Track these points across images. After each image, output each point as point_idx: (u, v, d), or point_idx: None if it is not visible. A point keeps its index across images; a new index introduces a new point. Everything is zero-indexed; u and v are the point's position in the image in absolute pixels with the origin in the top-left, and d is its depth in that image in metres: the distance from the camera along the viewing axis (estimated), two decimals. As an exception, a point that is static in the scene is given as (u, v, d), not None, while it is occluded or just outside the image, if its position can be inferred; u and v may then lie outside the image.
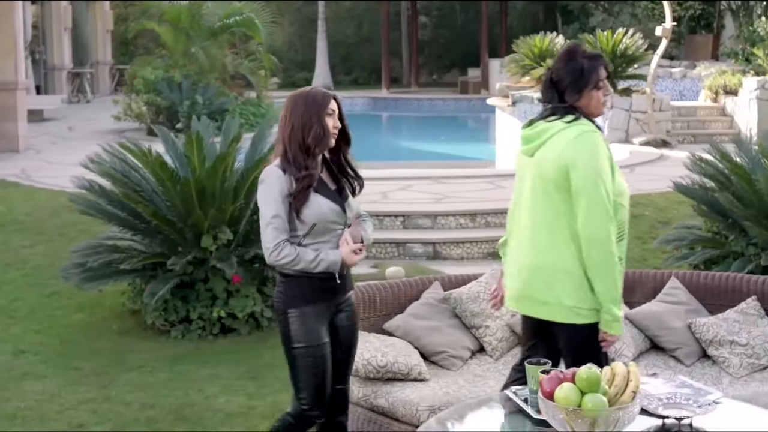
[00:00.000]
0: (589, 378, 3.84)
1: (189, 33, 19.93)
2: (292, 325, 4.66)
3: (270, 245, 4.56)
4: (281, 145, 4.65)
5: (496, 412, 4.43)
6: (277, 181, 4.57)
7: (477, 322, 5.92)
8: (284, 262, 4.57)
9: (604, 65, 4.68)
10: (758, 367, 5.68)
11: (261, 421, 6.37)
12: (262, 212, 4.61)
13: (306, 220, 4.58)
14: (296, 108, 4.62)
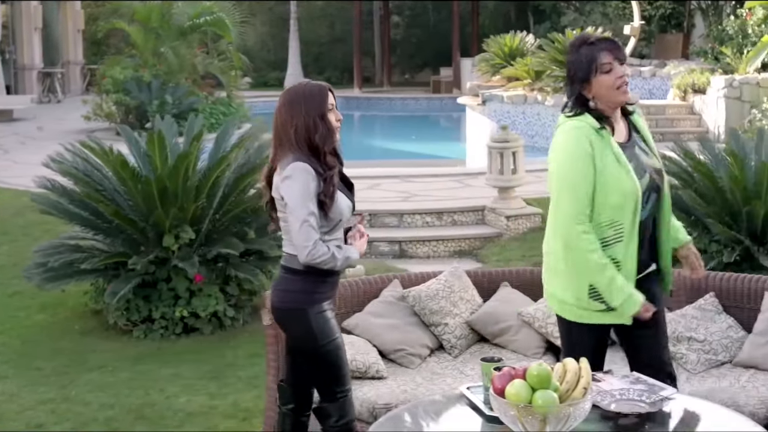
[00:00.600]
0: (539, 374, 3.83)
1: (159, 32, 19.86)
2: (315, 323, 4.59)
3: (308, 244, 4.45)
4: (291, 147, 4.53)
5: (450, 409, 4.43)
6: (309, 177, 4.47)
7: (436, 319, 5.92)
8: (320, 260, 4.50)
9: (607, 48, 4.49)
10: (715, 363, 5.70)
11: (222, 420, 6.36)
12: (294, 209, 4.47)
13: (333, 218, 4.56)
14: (296, 109, 4.54)
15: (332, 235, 4.60)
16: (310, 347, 4.64)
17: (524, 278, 6.26)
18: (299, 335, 4.66)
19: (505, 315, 5.95)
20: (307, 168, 4.47)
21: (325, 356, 4.65)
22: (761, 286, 5.88)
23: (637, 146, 4.60)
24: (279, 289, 4.70)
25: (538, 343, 5.89)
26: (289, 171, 4.48)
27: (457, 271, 6.20)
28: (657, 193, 4.58)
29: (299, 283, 4.61)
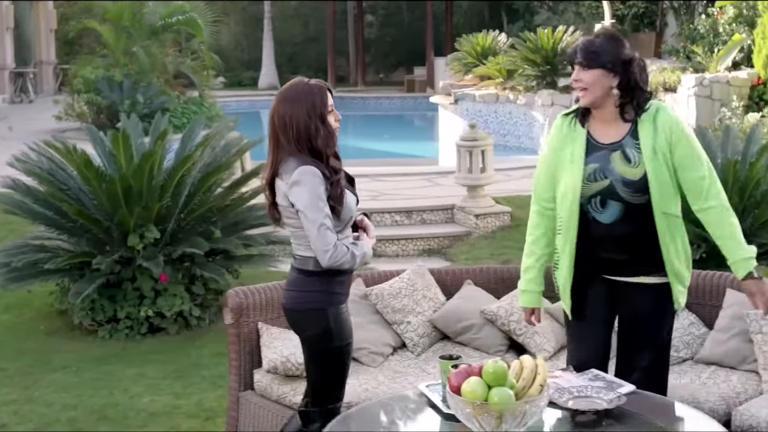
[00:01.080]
0: (495, 372, 3.82)
1: (130, 32, 19.79)
2: (334, 323, 4.52)
3: (329, 248, 4.35)
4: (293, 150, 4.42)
5: (408, 407, 4.41)
6: (318, 181, 4.35)
7: (398, 318, 5.91)
8: (341, 262, 4.41)
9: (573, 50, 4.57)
10: (676, 360, 5.69)
11: (185, 420, 6.34)
12: (308, 214, 4.33)
13: (344, 218, 4.48)
14: (295, 112, 4.40)
15: (344, 233, 4.52)
16: (323, 348, 4.56)
17: (488, 276, 6.26)
18: (316, 335, 4.55)
19: (467, 313, 5.94)
20: (315, 171, 4.36)
21: (336, 358, 4.58)
22: (723, 282, 5.90)
23: (620, 151, 4.50)
24: (294, 291, 4.58)
25: (500, 340, 5.89)
26: (297, 176, 4.36)
27: (420, 269, 6.19)
28: (621, 203, 4.48)
29: (317, 284, 4.50)
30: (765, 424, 4.91)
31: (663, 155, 4.42)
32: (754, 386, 5.35)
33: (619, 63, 4.43)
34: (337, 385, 4.67)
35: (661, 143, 4.42)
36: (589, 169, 4.51)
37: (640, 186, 4.43)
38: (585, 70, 4.48)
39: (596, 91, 4.47)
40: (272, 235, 8.54)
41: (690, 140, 4.48)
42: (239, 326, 5.66)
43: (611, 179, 4.47)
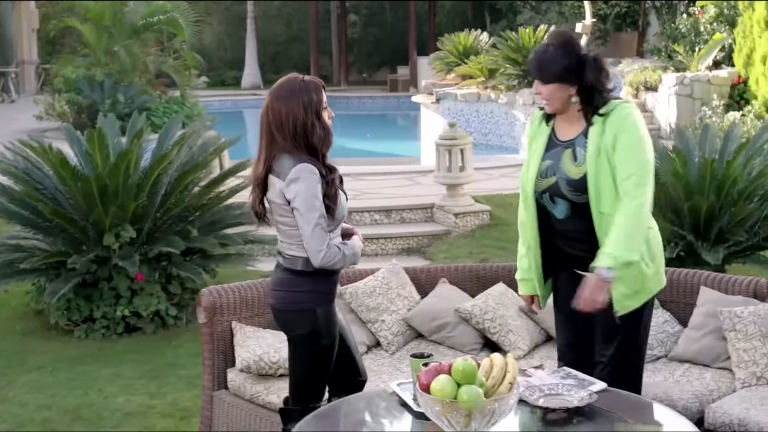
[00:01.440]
0: (465, 370, 3.82)
1: (111, 31, 19.72)
2: (322, 324, 4.50)
3: (322, 248, 4.35)
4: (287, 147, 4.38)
5: (379, 405, 4.40)
6: (315, 179, 4.34)
7: (372, 316, 5.89)
8: (334, 262, 4.41)
9: (529, 64, 4.66)
10: (650, 357, 5.68)
11: (159, 420, 6.31)
12: (304, 213, 4.33)
13: (338, 217, 4.47)
14: (292, 108, 4.35)
15: (335, 233, 4.52)
16: (310, 348, 4.54)
17: (463, 275, 6.25)
18: (304, 335, 4.52)
19: (442, 311, 5.93)
20: (313, 170, 4.33)
21: (321, 357, 4.57)
22: (697, 280, 5.90)
23: (571, 149, 4.54)
24: (282, 291, 4.54)
25: (475, 339, 5.88)
26: (295, 173, 4.33)
27: (395, 267, 6.18)
28: (566, 201, 4.52)
29: (307, 284, 4.48)
30: (738, 422, 4.91)
31: (606, 154, 4.41)
32: (727, 384, 5.35)
33: (573, 71, 4.44)
34: (319, 384, 4.66)
35: (606, 143, 4.42)
36: (543, 165, 4.60)
37: (579, 186, 4.46)
38: (542, 84, 4.52)
39: (555, 102, 4.52)
40: (249, 235, 8.52)
41: (632, 143, 4.41)
42: (213, 325, 5.64)
43: (557, 177, 4.53)
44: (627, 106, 4.53)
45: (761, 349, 5.33)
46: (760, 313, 5.41)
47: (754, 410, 4.94)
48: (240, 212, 8.40)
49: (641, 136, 4.46)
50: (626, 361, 4.64)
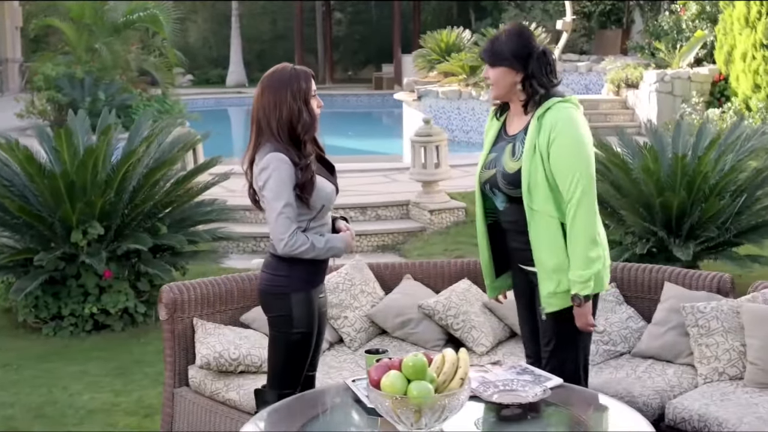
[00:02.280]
0: (415, 365, 3.78)
1: (92, 29, 19.65)
2: (296, 310, 4.51)
3: (284, 236, 4.38)
4: (271, 135, 4.42)
5: (333, 401, 4.38)
6: (285, 167, 4.36)
7: (335, 313, 5.85)
8: (300, 251, 4.42)
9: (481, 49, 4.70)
10: (614, 353, 5.68)
11: (123, 417, 6.28)
12: (270, 201, 4.39)
13: (315, 205, 4.46)
14: (281, 97, 4.39)
15: (318, 221, 4.53)
16: (283, 332, 4.55)
17: (427, 271, 6.22)
18: (278, 318, 4.56)
19: (405, 308, 5.90)
20: (283, 158, 4.36)
21: (295, 344, 4.57)
22: (661, 276, 5.88)
23: (512, 144, 4.57)
24: (265, 273, 4.60)
25: (438, 335, 5.85)
26: (264, 162, 4.38)
27: (359, 264, 6.14)
28: (503, 194, 4.57)
29: (283, 269, 4.51)
30: (697, 417, 4.89)
31: (541, 153, 4.41)
32: (689, 380, 5.33)
33: (519, 59, 4.48)
34: (294, 372, 4.65)
35: (541, 141, 4.42)
36: (489, 157, 4.67)
37: (513, 180, 4.50)
38: (490, 68, 4.58)
39: (500, 86, 4.56)
40: (218, 231, 8.49)
41: (568, 146, 4.39)
42: (174, 322, 5.60)
43: (496, 170, 4.58)
44: (565, 106, 4.49)
45: (723, 345, 5.30)
46: (722, 309, 5.39)
47: (714, 406, 4.92)
48: (210, 209, 8.36)
49: (578, 138, 4.43)
50: (566, 358, 4.64)
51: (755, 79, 16.20)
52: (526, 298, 4.78)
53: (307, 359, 4.67)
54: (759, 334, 5.19)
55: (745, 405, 4.90)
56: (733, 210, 8.17)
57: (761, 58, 16.10)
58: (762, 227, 8.33)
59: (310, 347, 4.65)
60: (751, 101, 16.21)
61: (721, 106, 16.92)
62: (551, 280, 4.48)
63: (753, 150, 8.42)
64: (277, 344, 4.63)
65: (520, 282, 4.79)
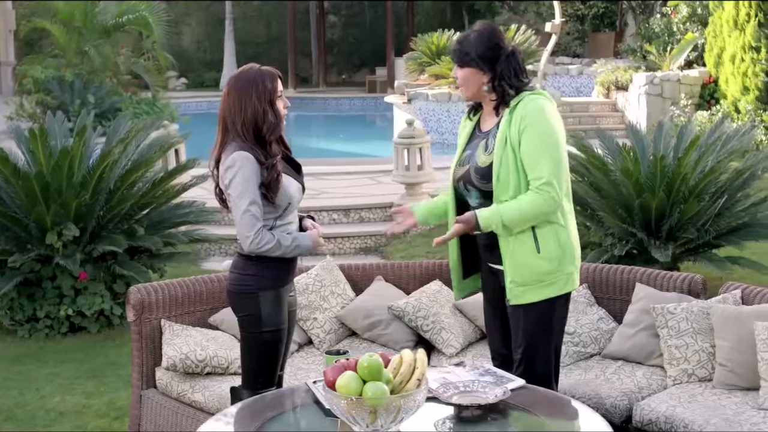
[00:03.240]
0: (370, 366, 3.76)
1: (82, 31, 19.57)
2: (264, 308, 4.52)
3: (250, 234, 4.41)
4: (236, 135, 4.44)
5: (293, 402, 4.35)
6: (250, 166, 4.40)
7: (305, 314, 5.82)
8: (265, 249, 4.44)
9: None
10: (584, 355, 5.65)
11: (93, 419, 6.24)
12: (235, 199, 4.42)
13: (280, 204, 4.49)
14: (246, 97, 4.43)
15: (284, 219, 4.56)
16: (253, 331, 4.56)
17: (399, 272, 6.20)
18: (247, 318, 4.57)
19: (375, 309, 5.86)
20: (248, 157, 4.40)
21: (265, 343, 4.58)
22: (633, 277, 5.85)
23: (486, 139, 4.57)
24: (233, 273, 4.62)
25: (408, 336, 5.82)
26: (230, 161, 4.41)
27: (329, 264, 6.11)
28: (476, 189, 4.54)
29: (251, 268, 4.53)
30: (664, 419, 4.86)
31: (512, 146, 4.42)
32: (658, 381, 5.30)
33: (486, 60, 4.50)
34: (267, 371, 4.65)
35: (512, 134, 4.44)
36: (464, 155, 4.65)
37: (485, 173, 4.49)
38: (458, 68, 4.59)
39: (469, 87, 4.58)
40: (195, 233, 8.45)
41: (536, 127, 4.41)
42: (141, 323, 5.58)
43: (470, 166, 4.57)
44: (535, 98, 4.50)
45: (693, 346, 5.27)
46: (692, 310, 5.36)
47: (681, 407, 4.89)
48: (189, 211, 8.33)
49: (548, 130, 4.44)
50: (537, 359, 4.61)
51: (744, 81, 16.19)
52: (495, 300, 4.75)
53: (279, 358, 4.69)
54: (728, 336, 5.16)
55: (713, 407, 4.87)
56: (712, 212, 8.13)
57: (750, 60, 16.09)
58: (742, 229, 8.30)
59: (281, 345, 4.66)
60: (740, 103, 16.19)
61: (710, 109, 16.90)
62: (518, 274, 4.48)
63: (733, 151, 8.39)
64: (249, 344, 4.64)
65: (489, 283, 4.77)
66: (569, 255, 4.55)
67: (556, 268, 4.49)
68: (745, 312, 5.21)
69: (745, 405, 4.87)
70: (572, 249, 4.57)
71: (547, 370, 4.66)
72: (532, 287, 4.49)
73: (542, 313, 4.55)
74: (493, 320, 4.84)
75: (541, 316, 4.56)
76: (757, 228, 8.31)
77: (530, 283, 4.48)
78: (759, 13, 15.96)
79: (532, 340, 4.59)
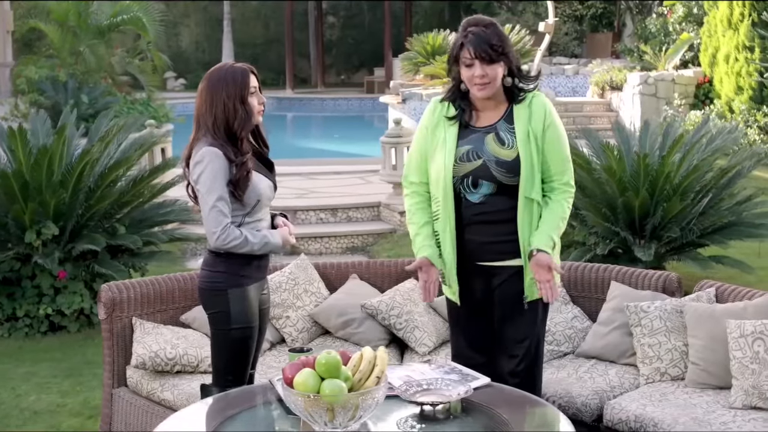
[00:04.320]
0: (327, 363, 3.71)
1: (76, 31, 19.57)
2: (234, 306, 4.49)
3: (216, 230, 4.39)
4: (207, 131, 4.44)
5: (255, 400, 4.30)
6: (219, 162, 4.38)
7: (277, 312, 5.78)
8: (232, 245, 4.42)
9: (472, 44, 4.37)
10: (557, 354, 5.61)
11: (67, 418, 6.21)
12: (203, 195, 4.39)
13: (248, 201, 4.47)
14: (217, 93, 4.43)
15: (253, 216, 4.53)
16: (222, 329, 4.53)
17: (374, 270, 6.16)
18: (216, 315, 4.54)
19: (349, 307, 5.82)
20: (218, 153, 4.38)
21: (234, 341, 4.54)
22: (608, 275, 5.81)
23: (494, 133, 4.47)
24: (203, 270, 4.59)
25: (381, 335, 5.78)
26: (199, 156, 4.40)
27: (304, 262, 6.07)
28: (493, 182, 4.44)
29: (220, 265, 4.50)
30: (634, 418, 4.82)
31: (535, 139, 4.40)
32: (631, 380, 5.26)
33: (508, 53, 4.44)
34: (237, 369, 4.62)
35: (535, 127, 4.41)
36: (461, 150, 4.50)
37: (512, 166, 4.41)
38: (488, 65, 4.39)
39: (497, 83, 4.44)
40: (175, 232, 8.42)
41: (559, 125, 4.51)
42: (112, 321, 5.55)
43: (484, 159, 4.45)
44: (544, 95, 4.56)
45: (666, 345, 5.24)
46: (666, 308, 5.32)
47: (651, 406, 4.85)
48: (168, 210, 8.30)
49: (563, 130, 4.54)
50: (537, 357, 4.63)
51: (738, 81, 16.14)
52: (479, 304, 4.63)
53: (249, 355, 4.65)
54: (701, 334, 5.13)
55: (683, 405, 4.83)
56: (696, 211, 8.08)
57: (743, 60, 16.04)
58: (726, 228, 8.25)
59: (252, 343, 4.62)
60: (734, 103, 16.14)
61: (704, 108, 16.86)
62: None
63: (717, 149, 8.35)
64: (218, 342, 4.62)
65: (475, 284, 4.61)
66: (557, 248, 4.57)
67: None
68: (718, 310, 5.17)
69: (716, 404, 4.83)
70: None
71: (541, 368, 4.68)
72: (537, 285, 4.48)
73: (544, 308, 4.60)
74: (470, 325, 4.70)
75: (543, 310, 4.60)
76: (742, 227, 8.26)
77: None
78: (753, 12, 15.91)
79: (539, 334, 4.61)
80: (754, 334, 4.85)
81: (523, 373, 4.54)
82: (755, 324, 4.88)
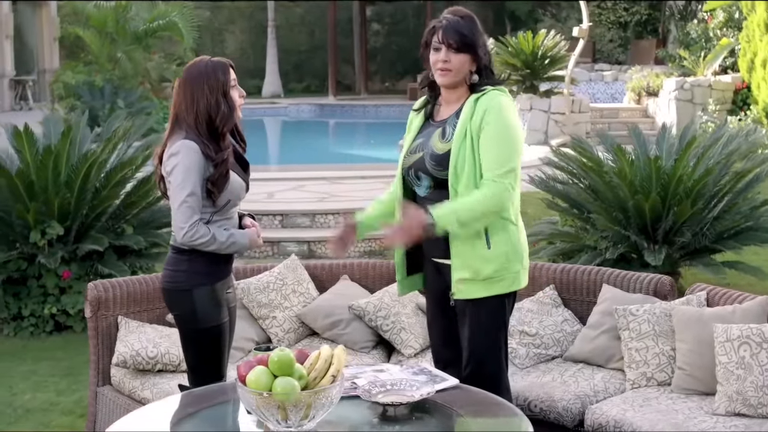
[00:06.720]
0: (280, 360, 3.65)
1: (114, 37, 19.74)
2: (200, 305, 4.44)
3: (184, 225, 4.33)
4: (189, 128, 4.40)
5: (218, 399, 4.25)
6: (195, 157, 4.33)
7: (264, 313, 5.74)
8: (199, 243, 4.37)
9: (442, 28, 4.36)
10: (545, 357, 5.51)
11: (58, 417, 6.22)
12: (175, 188, 4.33)
13: (219, 202, 4.43)
14: (198, 89, 4.39)
15: (222, 215, 4.49)
16: (191, 328, 4.49)
17: (365, 271, 6.10)
18: (183, 315, 4.50)
19: (336, 308, 5.77)
20: (194, 147, 4.33)
21: (204, 340, 4.50)
22: (600, 278, 5.70)
23: (442, 128, 4.43)
24: (166, 269, 4.54)
25: (368, 336, 5.72)
26: (175, 148, 4.35)
27: (293, 263, 6.02)
28: (429, 177, 4.38)
29: (185, 264, 4.45)
30: (613, 423, 4.72)
31: (471, 137, 4.29)
32: (617, 385, 5.15)
33: (479, 46, 4.36)
34: (212, 367, 4.58)
35: (473, 125, 4.30)
36: (415, 143, 4.48)
37: (441, 160, 4.33)
38: (453, 52, 4.34)
39: (459, 74, 4.37)
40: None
41: (498, 124, 4.28)
42: (98, 319, 5.53)
43: (423, 152, 4.41)
44: (498, 94, 4.37)
45: (653, 349, 5.12)
46: (654, 312, 5.20)
47: (631, 411, 4.74)
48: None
49: (509, 124, 4.32)
50: (484, 357, 4.46)
51: (774, 86, 15.91)
52: (439, 299, 4.59)
53: (222, 353, 4.59)
54: (688, 338, 5.01)
55: (664, 411, 4.72)
56: (711, 215, 7.93)
57: (780, 65, 15.81)
58: (742, 233, 8.08)
59: (224, 341, 4.57)
60: (770, 109, 15.91)
61: (740, 114, 16.62)
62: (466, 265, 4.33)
63: (732, 153, 8.19)
64: (188, 342, 4.57)
65: (433, 281, 4.62)
66: (518, 254, 4.41)
67: (504, 266, 4.35)
68: (706, 314, 5.04)
69: (698, 410, 4.71)
70: (522, 248, 4.44)
71: (497, 368, 4.51)
72: (480, 283, 4.34)
73: (489, 310, 4.41)
74: (436, 321, 4.68)
75: (489, 312, 4.41)
76: (759, 232, 8.09)
77: (478, 279, 4.35)
78: (791, 17, 15.69)
79: (480, 338, 4.44)
80: (740, 338, 4.73)
81: (476, 371, 4.41)
82: (742, 328, 4.76)
